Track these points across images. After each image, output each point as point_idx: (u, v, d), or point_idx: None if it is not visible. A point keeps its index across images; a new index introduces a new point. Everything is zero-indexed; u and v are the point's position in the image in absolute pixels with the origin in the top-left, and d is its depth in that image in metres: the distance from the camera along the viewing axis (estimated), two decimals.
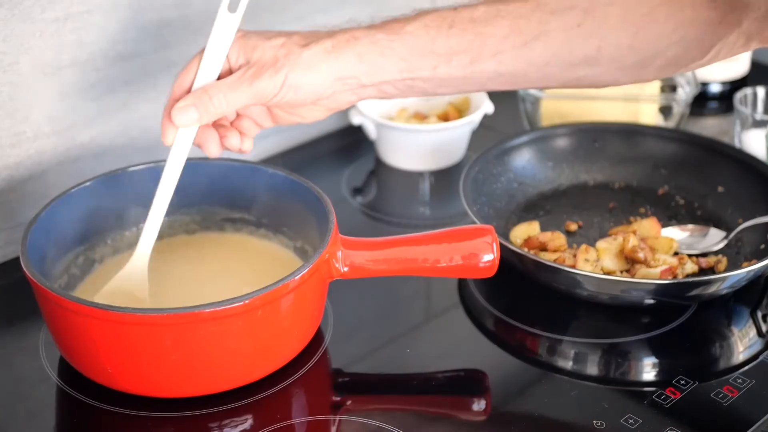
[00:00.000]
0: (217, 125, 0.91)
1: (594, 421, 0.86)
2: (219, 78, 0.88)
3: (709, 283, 0.95)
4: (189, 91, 0.88)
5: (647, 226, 1.08)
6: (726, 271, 1.03)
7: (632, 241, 1.02)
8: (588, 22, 0.86)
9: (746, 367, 0.93)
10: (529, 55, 0.87)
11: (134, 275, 0.92)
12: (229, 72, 0.89)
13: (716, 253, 1.06)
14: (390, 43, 0.87)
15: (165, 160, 0.93)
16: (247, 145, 0.92)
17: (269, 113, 0.93)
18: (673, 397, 0.89)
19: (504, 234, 1.07)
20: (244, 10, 0.88)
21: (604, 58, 0.87)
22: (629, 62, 0.88)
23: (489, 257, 0.92)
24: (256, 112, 0.93)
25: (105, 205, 0.98)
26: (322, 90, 0.88)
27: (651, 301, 0.97)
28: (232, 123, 0.93)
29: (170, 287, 0.96)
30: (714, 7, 0.86)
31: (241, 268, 0.99)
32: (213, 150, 0.90)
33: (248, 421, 0.86)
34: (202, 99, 0.86)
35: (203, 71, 0.88)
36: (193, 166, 1.01)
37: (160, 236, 1.02)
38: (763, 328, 0.98)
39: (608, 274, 1.00)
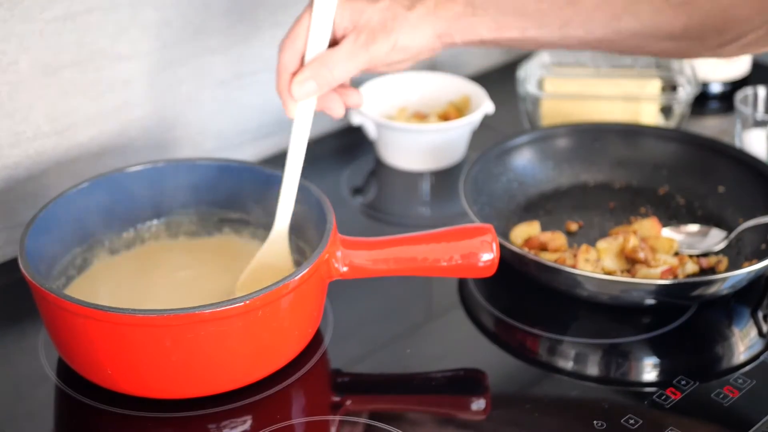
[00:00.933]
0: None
1: (594, 422, 0.86)
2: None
3: (709, 283, 0.95)
4: (301, 60, 0.90)
5: (648, 226, 1.08)
6: (727, 271, 1.02)
7: (633, 241, 1.02)
8: None
9: (747, 368, 0.93)
10: (617, 26, 0.90)
11: (276, 250, 0.94)
12: (334, 37, 0.91)
13: (717, 253, 1.06)
14: (484, 3, 0.90)
15: (165, 161, 0.93)
16: (360, 99, 0.95)
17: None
18: (673, 397, 0.89)
19: (504, 234, 1.07)
20: None
21: (689, 34, 0.90)
22: (712, 41, 0.90)
23: (489, 256, 0.92)
24: None
25: (104, 205, 0.98)
26: (426, 48, 0.92)
27: (651, 302, 0.97)
28: None
29: (169, 288, 0.96)
30: None
31: (240, 269, 0.99)
32: (338, 111, 0.94)
33: (248, 422, 0.86)
34: (320, 71, 0.89)
35: (313, 40, 0.89)
36: (191, 166, 1.01)
37: (157, 237, 1.03)
38: (764, 329, 0.98)
39: (609, 274, 1.00)
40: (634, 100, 1.26)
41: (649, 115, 1.27)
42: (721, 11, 0.88)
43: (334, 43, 0.91)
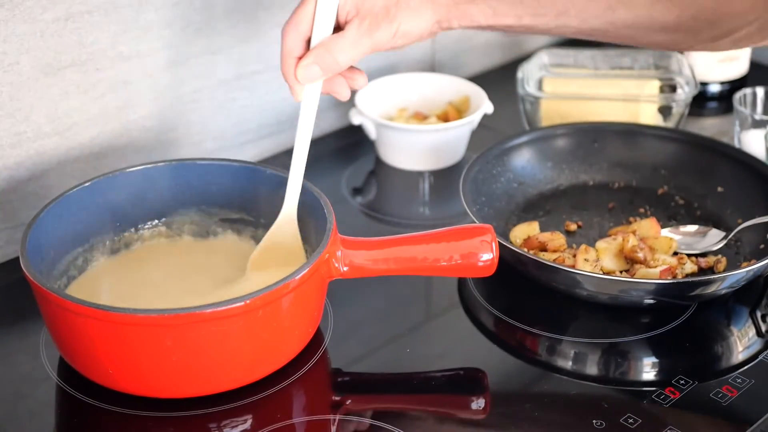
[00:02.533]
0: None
1: (594, 421, 0.86)
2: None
3: (708, 283, 0.96)
4: (306, 44, 0.91)
5: (647, 226, 1.08)
6: (725, 271, 1.03)
7: (632, 241, 1.02)
8: None
9: (745, 367, 0.93)
10: (612, 17, 0.91)
11: (285, 230, 0.95)
12: (338, 21, 0.91)
13: (716, 253, 1.06)
14: None
15: (165, 161, 0.94)
16: (347, 93, 0.96)
17: None
18: (672, 396, 0.89)
19: (504, 234, 1.07)
20: None
21: (682, 27, 0.91)
22: (705, 34, 0.92)
23: (488, 256, 0.92)
24: None
25: (105, 205, 0.99)
26: (426, 33, 0.93)
27: (650, 301, 0.97)
28: None
29: (169, 288, 0.96)
30: None
31: (241, 269, 0.99)
32: (344, 93, 0.94)
33: (248, 421, 0.87)
34: (324, 57, 0.90)
35: (319, 26, 0.90)
36: (192, 166, 1.01)
37: (159, 236, 1.03)
38: (763, 328, 0.98)
39: (608, 274, 1.00)
40: (633, 100, 1.26)
41: (648, 116, 1.27)
42: (714, 5, 0.89)
43: (337, 27, 0.91)
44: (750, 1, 0.89)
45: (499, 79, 1.46)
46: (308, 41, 0.91)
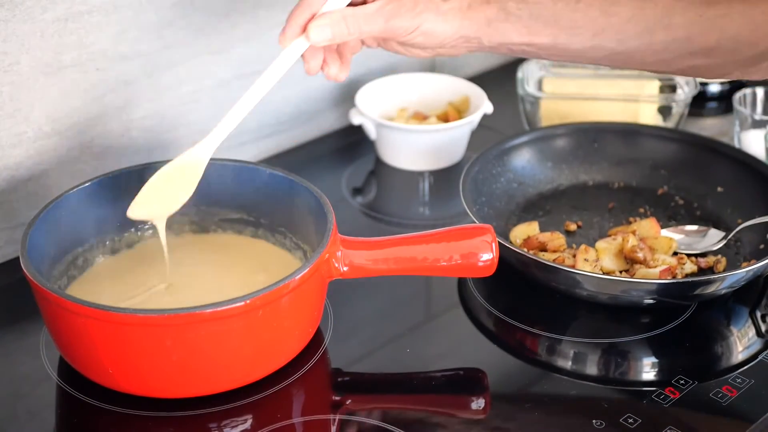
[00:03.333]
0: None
1: (593, 421, 0.86)
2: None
3: (708, 283, 0.96)
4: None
5: (646, 226, 1.08)
6: (725, 271, 1.03)
7: (631, 241, 1.02)
8: (710, 12, 0.88)
9: (745, 367, 0.93)
10: (650, 39, 0.89)
11: (182, 174, 0.93)
12: None
13: (715, 253, 1.06)
14: (518, 11, 0.90)
15: (165, 161, 0.93)
16: (344, 76, 0.95)
17: (382, 41, 0.94)
18: (672, 396, 0.89)
19: (504, 234, 1.07)
20: None
21: (721, 50, 0.89)
22: (743, 57, 0.90)
23: (488, 256, 0.92)
24: (369, 39, 0.94)
25: (105, 205, 0.99)
26: (447, 43, 0.91)
27: (650, 301, 0.97)
28: (338, 46, 0.94)
29: (169, 288, 0.96)
30: None
31: (241, 269, 0.99)
32: (314, 67, 0.93)
33: (248, 421, 0.87)
34: (338, 24, 0.89)
35: None
36: None
37: (158, 237, 1.03)
38: (762, 328, 0.98)
39: (607, 274, 1.00)
40: (633, 100, 1.26)
41: (648, 116, 1.27)
42: (753, 27, 0.87)
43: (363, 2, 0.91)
44: None
45: (499, 79, 1.46)
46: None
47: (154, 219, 0.94)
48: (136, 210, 0.92)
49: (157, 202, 0.92)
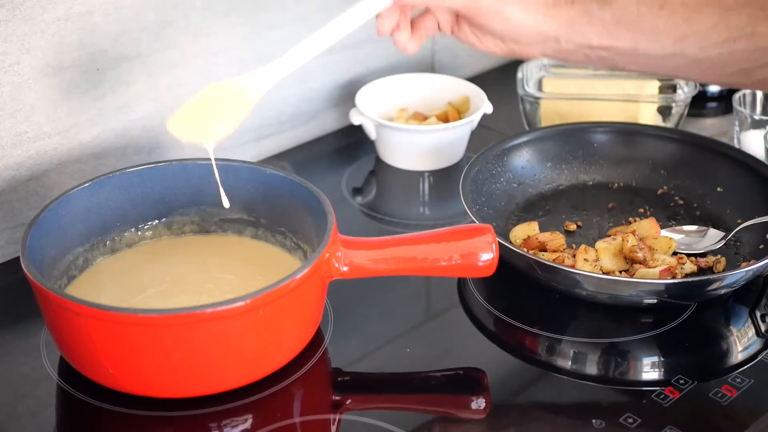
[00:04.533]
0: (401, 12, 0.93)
1: (593, 420, 0.86)
2: None
3: (707, 283, 0.96)
4: None
5: (646, 226, 1.08)
6: (725, 271, 1.03)
7: (631, 241, 1.02)
8: None
9: (745, 367, 0.93)
10: (732, 47, 0.88)
11: (241, 93, 0.89)
12: None
13: (715, 253, 1.06)
14: (600, 12, 0.89)
15: (165, 161, 0.94)
16: (413, 47, 0.94)
17: (456, 24, 0.94)
18: (672, 396, 0.89)
19: (503, 234, 1.08)
20: None
21: None
22: None
23: (488, 256, 0.92)
24: (446, 17, 0.94)
25: (106, 205, 0.99)
26: (523, 37, 0.91)
27: (650, 301, 0.97)
28: (414, 19, 0.94)
29: (170, 288, 0.97)
30: None
31: (241, 269, 1.00)
32: (386, 26, 0.92)
33: (248, 421, 0.87)
34: None
35: None
36: (192, 167, 1.01)
37: (159, 236, 1.03)
38: (762, 328, 0.99)
39: (607, 273, 1.01)
40: (633, 100, 1.26)
41: (648, 116, 1.27)
42: None
43: None
44: None
45: (499, 79, 1.46)
46: None
47: (199, 140, 0.88)
48: (175, 126, 0.88)
49: (200, 122, 0.88)
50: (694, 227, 1.10)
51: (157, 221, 1.03)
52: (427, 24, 0.95)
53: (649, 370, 0.95)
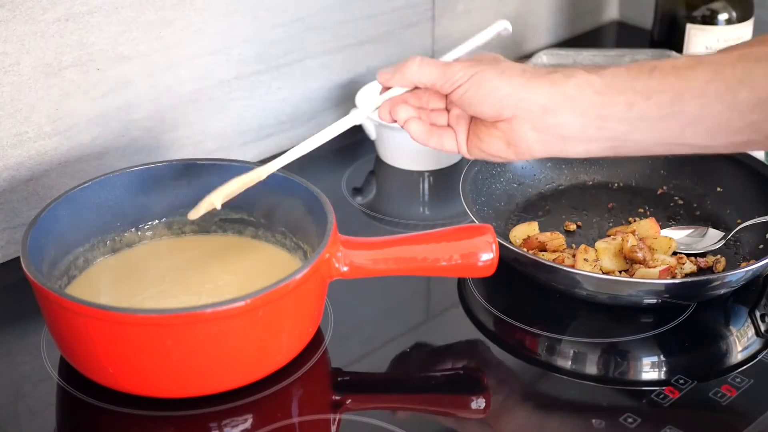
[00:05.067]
0: (432, 125, 0.94)
1: (593, 420, 0.86)
2: None
3: (707, 282, 0.96)
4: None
5: (646, 226, 1.08)
6: (725, 271, 1.03)
7: (631, 241, 1.02)
8: None
9: (745, 367, 0.93)
10: (733, 99, 0.83)
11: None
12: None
13: (715, 253, 1.06)
14: (588, 76, 0.86)
15: (165, 161, 0.93)
16: (464, 148, 0.94)
17: (475, 129, 0.93)
18: (671, 396, 0.89)
19: (503, 234, 1.08)
20: None
21: None
22: None
23: (488, 256, 0.92)
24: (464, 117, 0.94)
25: (106, 205, 0.99)
26: (503, 104, 0.87)
27: (650, 301, 0.97)
28: (448, 123, 0.95)
29: (170, 288, 0.97)
30: None
31: (241, 269, 1.00)
32: (402, 115, 0.94)
33: (248, 421, 0.87)
34: (398, 65, 0.92)
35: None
36: (192, 167, 1.01)
37: (159, 236, 1.03)
38: (762, 328, 0.99)
39: (607, 273, 1.01)
40: None
41: None
42: None
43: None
44: None
45: None
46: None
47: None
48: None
49: None
50: (693, 227, 1.10)
51: (157, 221, 1.03)
52: (459, 122, 0.95)
53: (649, 370, 0.95)
